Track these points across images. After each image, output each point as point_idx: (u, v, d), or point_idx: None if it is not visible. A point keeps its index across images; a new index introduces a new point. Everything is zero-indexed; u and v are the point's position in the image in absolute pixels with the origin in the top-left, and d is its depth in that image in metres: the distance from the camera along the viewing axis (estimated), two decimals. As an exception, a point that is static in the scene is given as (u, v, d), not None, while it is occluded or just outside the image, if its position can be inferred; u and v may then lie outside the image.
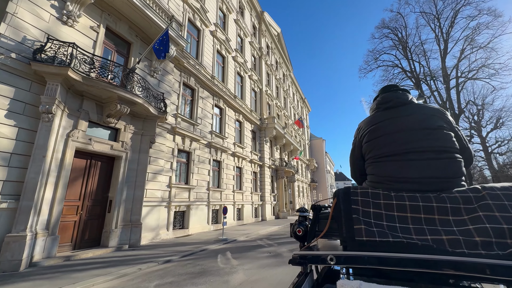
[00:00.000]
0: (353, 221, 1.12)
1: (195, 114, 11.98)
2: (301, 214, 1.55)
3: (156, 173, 8.95)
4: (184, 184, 10.68)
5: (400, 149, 1.26)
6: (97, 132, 7.17)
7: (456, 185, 1.15)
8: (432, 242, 0.96)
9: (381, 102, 1.50)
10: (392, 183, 1.23)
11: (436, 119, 1.28)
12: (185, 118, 11.09)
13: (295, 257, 1.18)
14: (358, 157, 1.57)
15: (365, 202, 1.17)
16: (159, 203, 8.90)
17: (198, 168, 11.68)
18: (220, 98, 14.42)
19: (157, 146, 9.16)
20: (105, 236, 7.04)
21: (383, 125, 1.38)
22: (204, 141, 12.40)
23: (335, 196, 1.28)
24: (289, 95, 33.57)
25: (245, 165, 16.93)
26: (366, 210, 1.15)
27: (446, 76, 18.20)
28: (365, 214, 1.14)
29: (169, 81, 10.17)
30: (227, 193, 14.06)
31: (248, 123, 18.25)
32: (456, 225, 0.99)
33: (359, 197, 1.20)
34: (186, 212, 10.60)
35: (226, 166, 14.34)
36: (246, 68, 18.85)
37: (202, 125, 12.41)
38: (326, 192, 45.72)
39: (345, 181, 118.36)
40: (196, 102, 12.20)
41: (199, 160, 11.87)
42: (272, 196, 20.62)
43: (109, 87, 6.57)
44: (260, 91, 21.71)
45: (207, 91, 13.20)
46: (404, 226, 1.06)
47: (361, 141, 1.51)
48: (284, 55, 31.25)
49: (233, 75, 16.66)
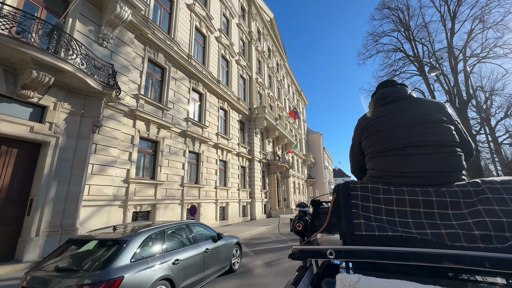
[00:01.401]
0: (353, 216, 1.12)
1: (165, 97, 10.18)
2: (301, 209, 1.56)
3: (106, 165, 7.18)
4: (148, 179, 8.93)
5: (399, 144, 1.25)
6: (7, 108, 5.36)
7: (456, 179, 1.14)
8: (431, 236, 0.97)
9: (380, 97, 1.48)
10: (392, 178, 1.23)
11: (436, 113, 1.27)
12: (151, 101, 9.29)
13: (295, 252, 1.18)
14: (358, 153, 1.56)
15: (365, 197, 1.17)
16: (109, 202, 7.15)
17: (168, 160, 9.92)
18: (199, 82, 12.60)
19: (108, 131, 7.37)
20: (20, 247, 5.29)
21: (382, 120, 1.37)
22: (177, 129, 10.62)
23: (335, 191, 1.27)
24: (284, 86, 31.74)
25: (231, 158, 15.19)
26: (365, 204, 1.15)
27: (453, 58, 16.45)
28: (365, 209, 1.14)
29: (127, 54, 8.35)
30: (207, 189, 12.32)
31: (234, 112, 16.47)
32: (456, 219, 0.99)
33: (359, 192, 1.19)
34: (151, 212, 8.86)
35: (206, 159, 12.58)
36: (233, 51, 17.01)
37: (174, 111, 10.62)
38: (323, 189, 44.13)
39: (344, 177, 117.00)
40: (167, 83, 10.39)
41: (171, 151, 10.10)
42: (263, 193, 18.93)
43: (13, 44, 4.76)
44: (250, 79, 19.89)
45: (181, 72, 11.38)
46: (403, 220, 1.06)
47: (360, 136, 1.49)
48: (277, 43, 29.35)
49: (216, 58, 14.82)
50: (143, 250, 3.09)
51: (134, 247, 2.96)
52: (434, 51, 18.15)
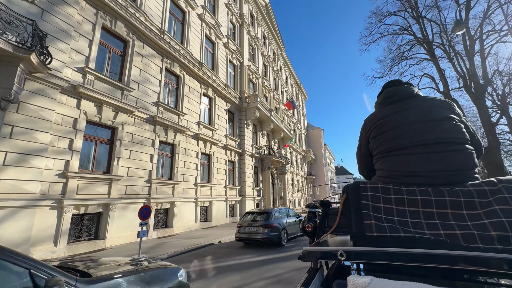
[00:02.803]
0: (363, 217, 1.09)
1: (126, 75, 8.45)
2: (311, 210, 1.52)
3: (28, 153, 5.50)
4: (101, 174, 7.24)
5: (408, 143, 1.21)
6: None
7: (469, 177, 1.11)
8: (445, 237, 0.94)
9: (386, 97, 1.45)
10: (403, 178, 1.19)
11: (444, 111, 1.24)
12: (105, 78, 7.57)
13: (304, 253, 1.15)
14: (365, 154, 1.51)
15: (375, 197, 1.14)
16: (33, 202, 5.46)
17: (130, 151, 8.22)
18: (174, 61, 10.85)
19: (33, 111, 5.68)
20: None
21: (389, 120, 1.33)
22: (144, 114, 8.91)
23: (344, 191, 1.25)
24: (281, 77, 29.86)
25: (217, 151, 13.47)
26: (376, 205, 1.12)
27: (469, 37, 14.49)
28: (375, 209, 1.11)
29: (68, 16, 6.63)
30: (184, 186, 10.62)
31: (221, 100, 14.72)
32: (471, 220, 0.96)
33: (369, 192, 1.16)
34: (103, 214, 7.18)
35: (184, 151, 10.87)
36: (219, 33, 15.21)
37: (140, 93, 8.90)
38: (324, 186, 42.28)
39: (347, 175, 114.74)
40: (130, 59, 8.66)
41: (134, 140, 8.40)
42: (255, 190, 17.21)
43: None
44: (241, 65, 18.09)
45: (151, 48, 9.64)
46: (415, 221, 1.02)
47: (367, 137, 1.45)
48: (274, 31, 27.44)
49: (198, 37, 13.05)
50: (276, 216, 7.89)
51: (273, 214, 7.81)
52: (446, 30, 16.18)
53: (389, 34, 18.73)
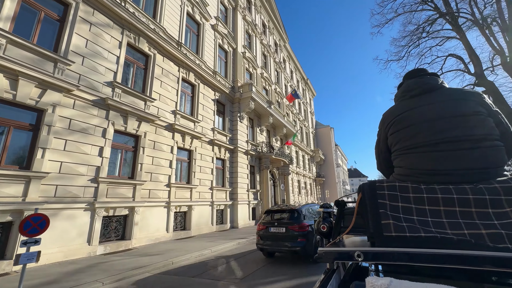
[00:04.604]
0: (380, 216, 1.05)
1: (63, 45, 6.61)
2: (325, 210, 1.51)
3: None
4: (17, 169, 5.36)
5: (430, 140, 1.14)
6: None
7: (496, 175, 1.02)
8: (469, 237, 0.88)
9: (407, 90, 1.35)
10: (423, 176, 1.13)
11: (472, 104, 1.13)
12: (24, 43, 5.73)
13: (320, 254, 1.11)
14: (384, 150, 1.45)
15: (393, 196, 1.09)
16: None
17: (66, 141, 6.33)
18: (140, 36, 8.97)
19: None
20: None
21: (410, 115, 1.25)
22: (90, 95, 7.02)
23: (360, 190, 1.20)
24: (284, 70, 27.61)
25: (200, 147, 11.44)
26: (394, 204, 1.07)
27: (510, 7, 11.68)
28: (393, 209, 1.06)
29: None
30: (152, 187, 8.63)
31: (208, 88, 12.73)
32: (497, 218, 0.89)
33: (386, 191, 1.11)
34: (14, 223, 5.27)
35: (152, 145, 8.91)
36: (206, 12, 13.30)
37: (86, 68, 7.04)
38: (335, 189, 39.25)
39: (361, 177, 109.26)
40: (70, 25, 6.82)
41: (73, 128, 6.52)
42: (251, 193, 15.00)
43: None
44: (234, 52, 16.09)
45: (104, 16, 7.79)
46: (437, 220, 0.97)
47: (386, 133, 1.39)
48: (275, 19, 25.34)
49: (176, 13, 11.17)
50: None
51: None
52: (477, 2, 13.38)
53: (405, 13, 16.06)
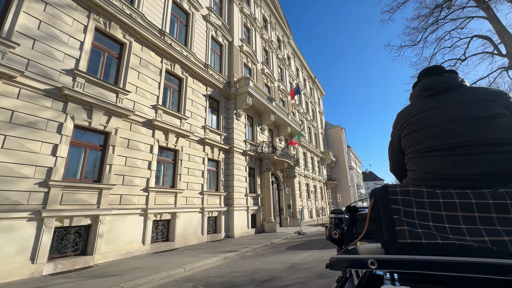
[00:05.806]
0: (394, 222, 0.98)
1: (7, 23, 5.63)
2: (337, 216, 1.45)
3: None
4: None
5: (446, 143, 1.07)
6: None
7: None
8: (491, 244, 0.82)
9: (423, 89, 1.26)
10: (438, 181, 1.06)
11: (493, 105, 1.04)
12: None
13: (332, 261, 1.05)
14: (397, 152, 1.37)
15: (407, 201, 1.02)
16: None
17: (5, 136, 5.26)
18: (110, 20, 7.94)
19: None
20: None
21: (425, 116, 1.17)
22: (42, 84, 5.97)
23: (372, 195, 1.14)
24: (289, 67, 26.20)
25: (188, 146, 10.21)
26: (408, 210, 1.01)
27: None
28: (408, 215, 0.99)
29: None
30: (124, 192, 7.44)
31: (198, 83, 11.56)
32: None
33: (399, 196, 1.04)
34: None
35: (126, 143, 7.76)
36: (195, 1, 12.27)
37: (38, 53, 6.02)
38: (348, 192, 36.87)
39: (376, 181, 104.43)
40: (18, 2, 5.86)
41: (16, 121, 5.45)
42: (250, 198, 13.56)
43: None
44: (230, 45, 14.94)
45: (66, -4, 6.83)
46: (454, 226, 0.91)
47: (399, 134, 1.30)
48: (277, 14, 24.14)
49: (160, 1, 10.17)
50: None
51: None
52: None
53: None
